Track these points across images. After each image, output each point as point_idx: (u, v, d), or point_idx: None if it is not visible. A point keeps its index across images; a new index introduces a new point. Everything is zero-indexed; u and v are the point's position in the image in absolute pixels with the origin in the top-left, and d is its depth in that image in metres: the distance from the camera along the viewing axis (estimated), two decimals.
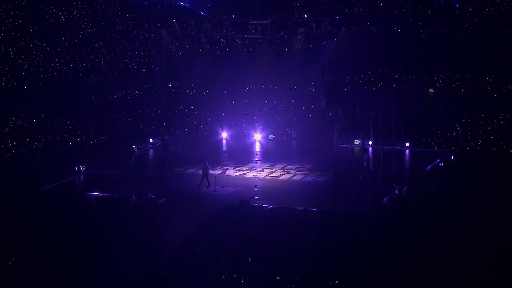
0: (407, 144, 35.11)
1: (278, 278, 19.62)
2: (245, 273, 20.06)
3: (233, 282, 19.59)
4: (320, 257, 21.18)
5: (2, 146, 35.85)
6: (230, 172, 31.87)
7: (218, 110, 43.11)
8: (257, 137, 39.32)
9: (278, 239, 22.77)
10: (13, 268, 20.96)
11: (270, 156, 35.70)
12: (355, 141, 35.52)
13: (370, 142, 34.10)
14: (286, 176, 31.56)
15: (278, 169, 32.83)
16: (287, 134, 38.81)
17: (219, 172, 30.28)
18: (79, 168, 32.31)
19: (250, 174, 32.03)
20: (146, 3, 40.86)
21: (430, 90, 44.64)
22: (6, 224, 24.61)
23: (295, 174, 31.80)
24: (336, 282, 19.21)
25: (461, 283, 19.06)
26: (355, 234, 23.07)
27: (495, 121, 36.78)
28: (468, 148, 34.01)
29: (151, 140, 38.96)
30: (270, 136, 39.46)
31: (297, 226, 23.86)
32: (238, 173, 32.14)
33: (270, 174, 31.95)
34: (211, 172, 29.16)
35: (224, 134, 40.28)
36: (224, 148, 38.55)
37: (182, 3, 40.35)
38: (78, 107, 41.91)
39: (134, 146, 37.01)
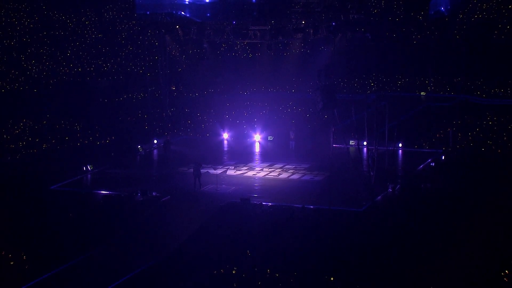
0: (400, 145, 35.03)
1: (277, 275, 19.53)
2: (245, 267, 20.00)
3: (234, 276, 19.51)
4: (317, 252, 21.13)
5: (12, 146, 35.81)
6: (231, 172, 31.78)
7: (219, 112, 43.04)
8: (257, 138, 39.23)
9: (276, 235, 22.71)
10: (22, 263, 20.90)
11: (269, 156, 35.62)
12: (351, 141, 35.43)
13: (365, 143, 34.01)
14: (284, 175, 31.48)
15: (277, 168, 32.75)
16: (286, 136, 38.75)
17: (221, 171, 30.18)
18: (86, 168, 32.22)
19: (250, 173, 31.95)
20: (148, 12, 40.71)
21: (422, 93, 44.65)
22: (16, 221, 24.55)
23: (293, 173, 31.73)
24: (332, 279, 19.12)
25: (454, 279, 18.97)
26: (351, 230, 23.03)
27: (484, 122, 36.75)
28: (458, 147, 33.95)
29: (155, 141, 38.88)
30: (269, 137, 39.38)
31: (295, 223, 23.80)
32: (238, 172, 32.06)
33: (269, 173, 31.87)
34: (212, 171, 29.08)
35: (225, 135, 40.20)
36: (225, 149, 38.48)
37: (183, 13, 40.23)
38: (86, 109, 41.92)
39: (139, 146, 36.93)
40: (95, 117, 40.89)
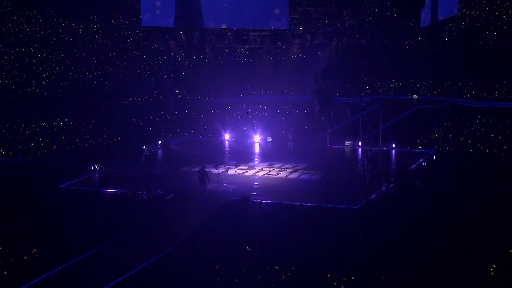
0: (393, 145, 34.92)
1: (276, 267, 19.44)
2: (245, 262, 19.89)
3: (234, 271, 19.41)
4: (313, 248, 21.03)
5: (20, 147, 35.72)
6: (231, 171, 31.66)
7: (221, 114, 42.93)
8: (257, 138, 39.11)
9: (275, 231, 22.61)
10: (31, 258, 20.80)
11: (268, 156, 35.50)
12: (346, 142, 35.31)
13: (360, 144, 33.89)
14: (283, 174, 31.36)
15: (276, 168, 32.64)
16: (285, 137, 38.63)
17: (222, 171, 30.06)
18: (94, 167, 32.09)
19: (250, 172, 31.83)
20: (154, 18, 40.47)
21: (414, 96, 44.58)
22: (26, 218, 24.45)
23: (291, 173, 31.61)
24: (328, 275, 18.99)
25: (447, 275, 18.86)
26: (346, 227, 22.94)
27: (473, 124, 36.67)
28: (448, 148, 33.85)
29: (159, 142, 38.78)
30: (268, 138, 39.25)
31: (293, 220, 23.70)
32: (239, 171, 31.94)
33: (268, 172, 31.75)
34: (214, 171, 28.96)
35: (227, 136, 40.08)
36: (227, 149, 38.35)
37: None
38: (94, 111, 41.83)
39: (144, 147, 36.81)
40: (102, 119, 40.78)
